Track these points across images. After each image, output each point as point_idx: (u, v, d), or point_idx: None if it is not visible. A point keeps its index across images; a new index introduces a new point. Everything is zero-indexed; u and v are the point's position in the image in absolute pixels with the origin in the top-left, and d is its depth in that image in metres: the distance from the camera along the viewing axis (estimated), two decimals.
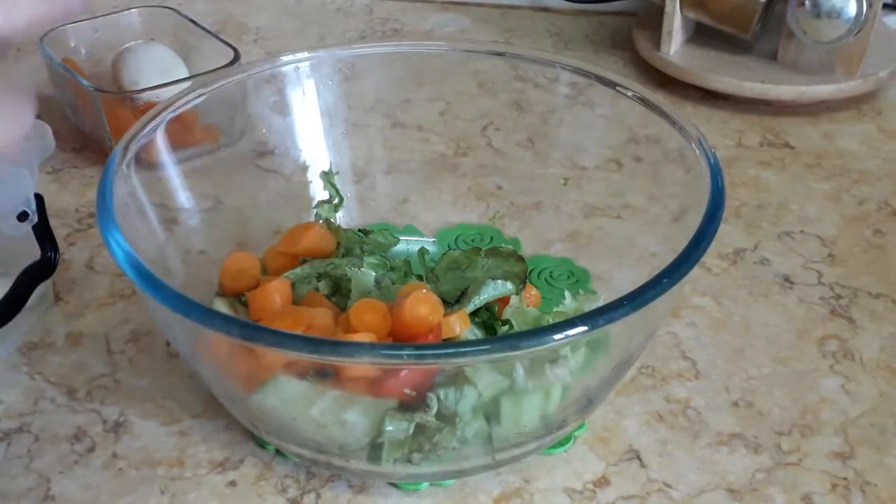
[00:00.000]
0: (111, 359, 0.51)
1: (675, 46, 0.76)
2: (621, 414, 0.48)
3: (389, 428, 0.40)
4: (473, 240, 0.57)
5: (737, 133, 0.72)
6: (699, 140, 0.45)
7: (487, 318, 0.47)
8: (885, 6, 0.78)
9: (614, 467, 0.45)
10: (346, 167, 0.57)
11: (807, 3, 0.70)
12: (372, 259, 0.50)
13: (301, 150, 0.56)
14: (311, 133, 0.56)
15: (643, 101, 0.49)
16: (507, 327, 0.46)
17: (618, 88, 0.50)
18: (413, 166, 0.59)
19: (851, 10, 0.69)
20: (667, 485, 0.44)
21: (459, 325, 0.44)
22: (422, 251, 0.53)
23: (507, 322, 0.46)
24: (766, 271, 0.58)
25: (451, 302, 0.46)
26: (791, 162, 0.68)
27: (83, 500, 0.43)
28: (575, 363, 0.41)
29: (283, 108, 0.56)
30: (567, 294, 0.48)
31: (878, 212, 0.63)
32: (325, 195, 0.53)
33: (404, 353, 0.35)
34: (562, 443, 0.46)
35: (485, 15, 0.91)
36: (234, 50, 0.66)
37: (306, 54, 0.54)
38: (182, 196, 0.51)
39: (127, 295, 0.55)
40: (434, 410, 0.40)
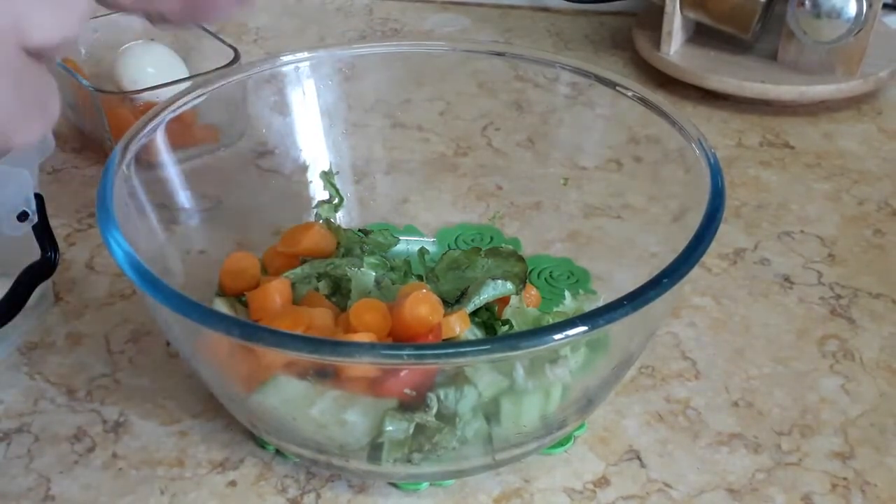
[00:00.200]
0: (111, 359, 0.51)
1: (675, 46, 0.76)
2: (621, 414, 0.48)
3: (389, 428, 0.40)
4: (473, 240, 0.57)
5: (737, 133, 0.72)
6: (699, 140, 0.45)
7: (487, 318, 0.47)
8: (885, 6, 0.78)
9: (614, 467, 0.45)
10: (346, 167, 0.57)
11: (807, 3, 0.70)
12: (372, 259, 0.50)
13: (301, 150, 0.56)
14: (311, 133, 0.56)
15: (643, 101, 0.49)
16: (507, 327, 0.46)
17: (618, 88, 0.50)
18: (413, 166, 0.60)
19: (851, 10, 0.69)
20: (667, 485, 0.44)
21: (459, 325, 0.44)
22: (422, 251, 0.53)
23: (507, 322, 0.46)
24: (766, 271, 0.58)
25: (451, 302, 0.46)
26: (791, 162, 0.68)
27: (83, 500, 0.43)
28: (575, 363, 0.41)
29: (283, 108, 0.56)
30: (567, 294, 0.48)
31: (878, 212, 0.63)
32: (325, 195, 0.53)
33: (404, 353, 0.35)
34: (562, 443, 0.46)
35: (485, 15, 0.91)
36: (234, 50, 0.66)
37: (306, 54, 0.54)
38: (182, 196, 0.51)
39: (127, 295, 0.55)
40: (434, 410, 0.40)
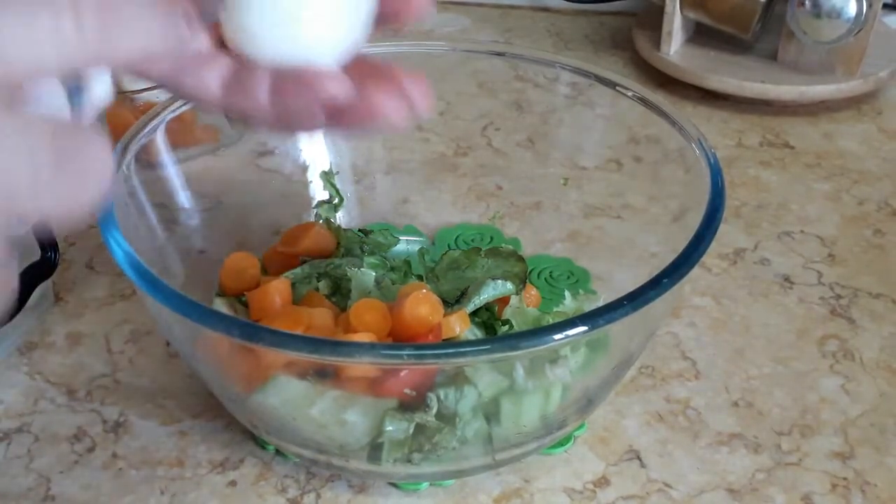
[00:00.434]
0: (111, 359, 0.51)
1: (675, 46, 0.76)
2: (621, 414, 0.48)
3: (389, 428, 0.40)
4: (473, 240, 0.57)
5: (737, 133, 0.72)
6: (699, 140, 0.45)
7: (487, 318, 0.47)
8: (885, 6, 0.78)
9: (614, 467, 0.45)
10: (346, 167, 0.57)
11: (807, 3, 0.70)
12: (372, 259, 0.50)
13: (301, 150, 0.56)
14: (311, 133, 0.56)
15: (643, 101, 0.49)
16: (507, 327, 0.46)
17: (618, 88, 0.50)
18: (413, 166, 0.59)
19: (851, 10, 0.69)
20: (667, 485, 0.44)
21: (459, 325, 0.44)
22: (422, 251, 0.53)
23: (507, 322, 0.46)
24: (766, 271, 0.58)
25: (451, 302, 0.46)
26: (791, 162, 0.68)
27: (83, 500, 0.43)
28: (575, 363, 0.41)
29: None
30: (567, 294, 0.48)
31: (878, 212, 0.63)
32: (325, 195, 0.53)
33: (404, 353, 0.35)
34: (562, 443, 0.46)
35: (485, 15, 0.90)
36: None
37: None
38: (182, 196, 0.51)
39: (127, 295, 0.55)
40: (434, 410, 0.40)
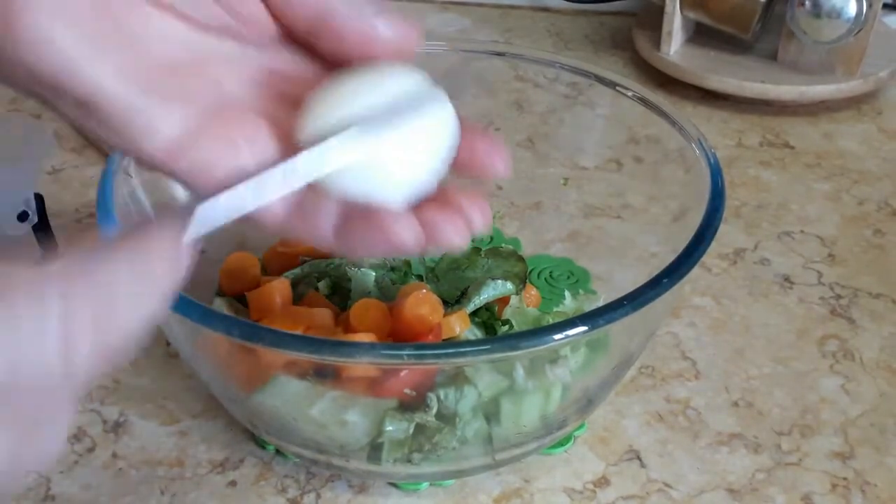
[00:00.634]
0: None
1: (675, 46, 0.76)
2: (621, 414, 0.48)
3: (389, 428, 0.40)
4: (473, 240, 0.57)
5: (737, 133, 0.72)
6: (699, 140, 0.45)
7: (487, 318, 0.47)
8: (885, 6, 0.78)
9: (614, 467, 0.45)
10: None
11: (807, 3, 0.70)
12: (372, 259, 0.49)
13: None
14: None
15: (643, 101, 0.49)
16: (507, 327, 0.46)
17: (618, 88, 0.50)
18: None
19: (851, 10, 0.69)
20: (667, 485, 0.44)
21: (459, 325, 0.44)
22: None
23: (507, 322, 0.46)
24: (766, 271, 0.58)
25: (451, 302, 0.46)
26: (791, 162, 0.68)
27: (83, 500, 0.43)
28: (575, 363, 0.41)
29: None
30: (567, 294, 0.48)
31: (878, 212, 0.63)
32: None
33: (404, 353, 0.35)
34: (562, 443, 0.46)
35: (485, 15, 0.90)
36: None
37: None
38: (182, 196, 0.50)
39: None
40: (434, 410, 0.40)
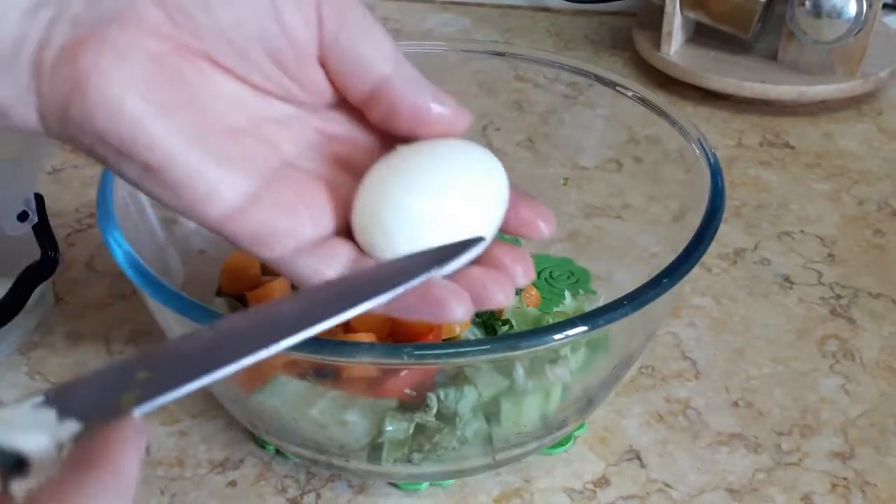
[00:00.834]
0: (111, 359, 0.51)
1: (675, 46, 0.76)
2: (621, 414, 0.48)
3: (389, 428, 0.40)
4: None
5: (737, 133, 0.72)
6: (699, 140, 0.45)
7: (487, 318, 0.47)
8: (885, 6, 0.78)
9: (614, 467, 0.45)
10: None
11: (807, 3, 0.70)
12: None
13: None
14: None
15: (643, 101, 0.49)
16: (507, 327, 0.46)
17: (618, 88, 0.50)
18: None
19: (851, 10, 0.69)
20: (667, 485, 0.44)
21: (459, 325, 0.44)
22: None
23: (507, 322, 0.46)
24: (766, 271, 0.58)
25: None
26: (791, 162, 0.68)
27: None
28: (575, 363, 0.41)
29: None
30: (567, 294, 0.48)
31: (878, 212, 0.63)
32: None
33: (404, 353, 0.35)
34: (562, 443, 0.46)
35: (485, 15, 0.90)
36: None
37: None
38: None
39: (127, 295, 0.55)
40: (434, 410, 0.40)
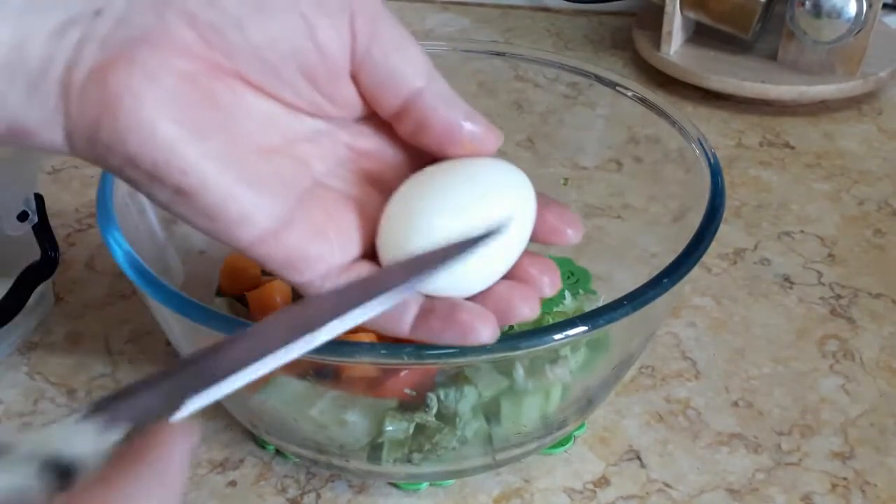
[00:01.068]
0: (111, 359, 0.51)
1: (675, 46, 0.76)
2: (621, 414, 0.48)
3: (389, 428, 0.40)
4: None
5: (737, 133, 0.72)
6: (699, 140, 0.45)
7: None
8: (885, 6, 0.78)
9: (614, 467, 0.45)
10: None
11: (807, 3, 0.70)
12: None
13: None
14: None
15: (643, 101, 0.49)
16: (507, 327, 0.46)
17: (618, 88, 0.50)
18: None
19: (851, 10, 0.69)
20: (667, 485, 0.44)
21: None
22: None
23: None
24: (766, 271, 0.58)
25: None
26: (791, 162, 0.68)
27: None
28: (575, 363, 0.41)
29: None
30: (567, 294, 0.48)
31: (878, 212, 0.63)
32: None
33: (404, 353, 0.35)
34: (562, 443, 0.46)
35: (485, 15, 0.90)
36: None
37: None
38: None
39: (127, 295, 0.55)
40: (434, 410, 0.40)
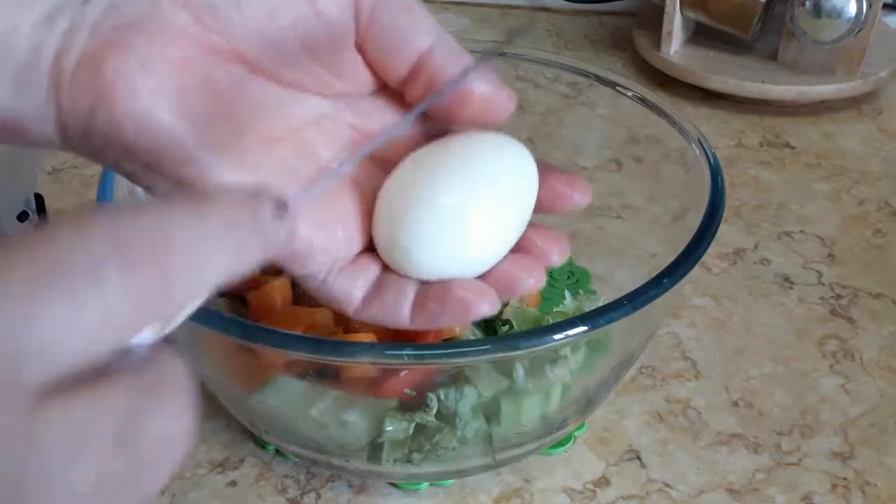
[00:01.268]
0: None
1: (675, 46, 0.76)
2: (621, 414, 0.48)
3: (389, 428, 0.40)
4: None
5: (737, 133, 0.72)
6: (699, 140, 0.45)
7: (487, 318, 0.47)
8: (885, 6, 0.78)
9: (614, 467, 0.45)
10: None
11: (807, 3, 0.70)
12: None
13: None
14: None
15: (643, 101, 0.49)
16: (507, 327, 0.46)
17: (618, 88, 0.50)
18: None
19: (851, 10, 0.69)
20: (667, 485, 0.44)
21: (459, 326, 0.44)
22: None
23: (507, 322, 0.46)
24: (766, 271, 0.58)
25: None
26: (791, 162, 0.68)
27: None
28: (575, 363, 0.41)
29: None
30: (567, 294, 0.48)
31: (878, 212, 0.63)
32: None
33: (404, 353, 0.35)
34: (562, 443, 0.46)
35: (485, 15, 0.90)
36: None
37: None
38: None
39: None
40: (434, 410, 0.40)
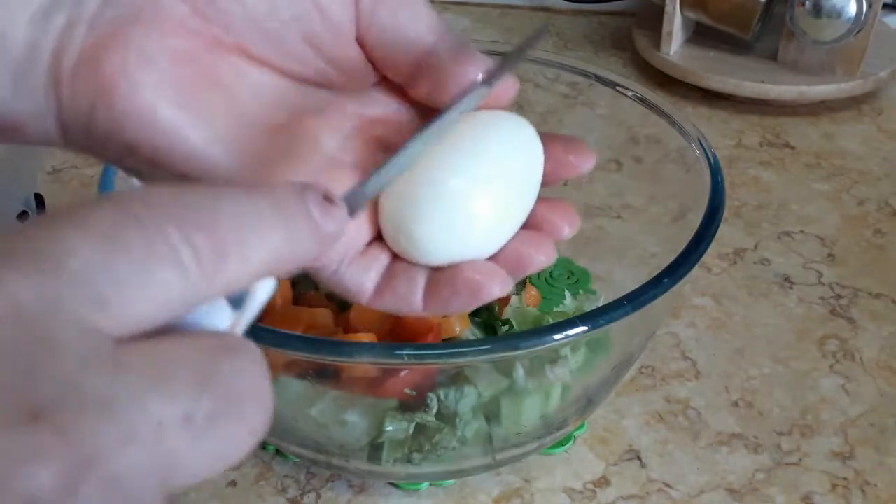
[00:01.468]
0: None
1: (675, 46, 0.76)
2: (621, 414, 0.48)
3: (389, 428, 0.40)
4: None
5: (737, 133, 0.72)
6: (699, 140, 0.45)
7: (487, 318, 0.47)
8: (885, 6, 0.78)
9: (614, 467, 0.45)
10: None
11: (807, 3, 0.70)
12: None
13: None
14: None
15: (643, 101, 0.49)
16: (507, 327, 0.46)
17: (618, 88, 0.50)
18: None
19: (851, 10, 0.69)
20: (667, 485, 0.44)
21: (459, 325, 0.44)
22: None
23: (507, 322, 0.46)
24: (766, 271, 0.58)
25: None
26: (791, 162, 0.68)
27: None
28: (575, 363, 0.41)
29: None
30: (567, 294, 0.48)
31: (878, 212, 0.63)
32: None
33: (404, 353, 0.35)
34: (562, 443, 0.46)
35: (485, 15, 0.90)
36: None
37: None
38: None
39: None
40: (434, 410, 0.40)
